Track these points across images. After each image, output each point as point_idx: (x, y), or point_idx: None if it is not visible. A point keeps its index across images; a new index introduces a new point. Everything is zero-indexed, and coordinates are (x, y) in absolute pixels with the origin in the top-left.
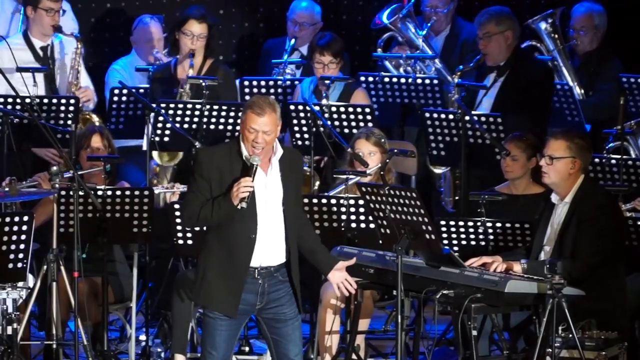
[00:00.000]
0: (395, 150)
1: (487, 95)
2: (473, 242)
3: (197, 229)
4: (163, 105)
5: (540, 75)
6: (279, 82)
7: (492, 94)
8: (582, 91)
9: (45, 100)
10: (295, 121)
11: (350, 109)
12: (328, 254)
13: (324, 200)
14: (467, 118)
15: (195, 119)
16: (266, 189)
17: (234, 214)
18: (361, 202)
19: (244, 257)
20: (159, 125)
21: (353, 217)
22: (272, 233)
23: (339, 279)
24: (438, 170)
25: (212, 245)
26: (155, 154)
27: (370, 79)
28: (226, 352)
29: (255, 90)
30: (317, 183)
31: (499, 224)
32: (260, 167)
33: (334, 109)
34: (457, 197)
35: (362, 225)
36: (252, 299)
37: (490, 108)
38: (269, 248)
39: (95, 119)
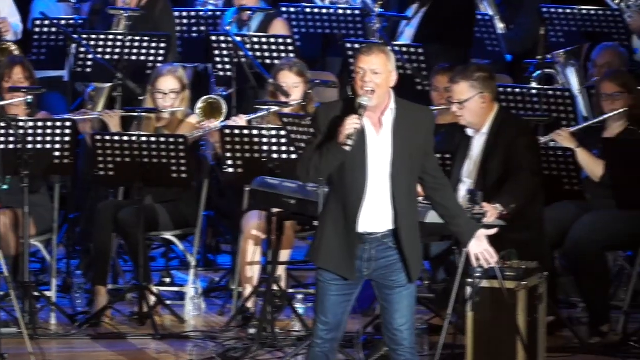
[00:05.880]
0: (317, 81)
1: (409, 25)
2: None
3: (118, 160)
4: (85, 36)
5: (463, 6)
6: (201, 13)
7: (414, 24)
8: (504, 25)
9: None
10: (217, 52)
11: (272, 40)
12: (469, 221)
13: (245, 131)
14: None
15: (117, 50)
16: (377, 150)
17: (343, 159)
18: (282, 132)
19: (353, 219)
20: (81, 56)
21: (274, 148)
22: (380, 198)
23: (478, 249)
24: None
25: (330, 203)
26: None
27: (292, 9)
28: (335, 317)
29: (177, 21)
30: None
31: None
32: (372, 126)
33: (255, 39)
34: None
35: (284, 155)
36: (359, 264)
37: (412, 38)
38: (376, 213)
39: (14, 48)
